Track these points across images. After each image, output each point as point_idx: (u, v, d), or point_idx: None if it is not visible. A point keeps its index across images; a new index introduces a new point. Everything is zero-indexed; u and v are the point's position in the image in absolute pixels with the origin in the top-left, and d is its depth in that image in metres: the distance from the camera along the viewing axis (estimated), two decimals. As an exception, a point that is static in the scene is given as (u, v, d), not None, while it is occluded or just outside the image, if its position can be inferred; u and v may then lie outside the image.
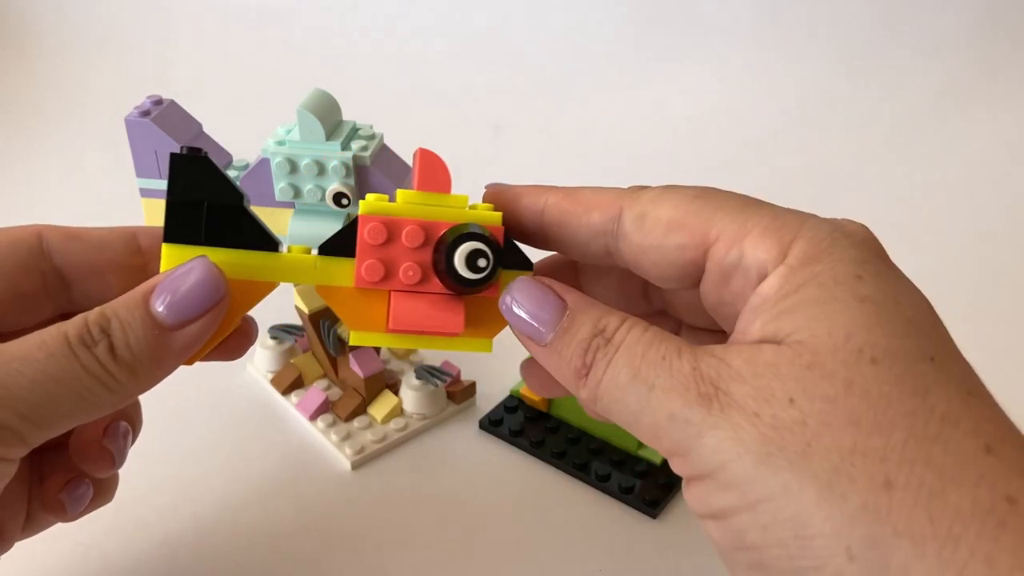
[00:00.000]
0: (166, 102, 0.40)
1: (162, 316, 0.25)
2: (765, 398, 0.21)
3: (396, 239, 0.27)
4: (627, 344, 0.24)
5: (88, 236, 0.30)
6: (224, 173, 0.26)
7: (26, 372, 0.24)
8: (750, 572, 0.22)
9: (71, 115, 0.82)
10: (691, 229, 0.25)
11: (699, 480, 0.22)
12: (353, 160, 0.38)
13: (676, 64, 0.83)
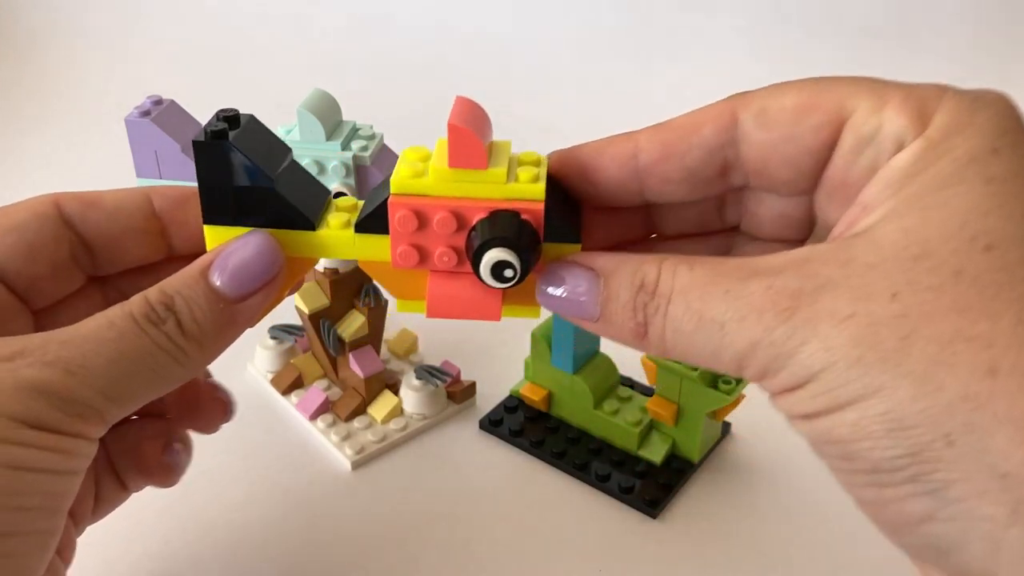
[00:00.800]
0: (166, 102, 0.40)
1: (224, 290, 0.26)
2: (863, 297, 0.21)
3: (428, 225, 0.26)
4: (679, 291, 0.23)
5: (105, 202, 0.29)
6: (252, 150, 0.26)
7: (101, 352, 0.24)
8: (840, 461, 0.23)
9: (71, 115, 0.82)
10: (824, 107, 0.24)
11: (788, 392, 0.22)
12: (353, 160, 0.38)
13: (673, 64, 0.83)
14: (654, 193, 0.27)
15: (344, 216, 0.27)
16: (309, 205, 0.27)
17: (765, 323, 0.22)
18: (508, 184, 0.25)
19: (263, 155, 0.26)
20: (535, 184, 0.25)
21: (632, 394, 0.44)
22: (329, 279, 0.43)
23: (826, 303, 0.21)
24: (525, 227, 0.25)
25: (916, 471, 0.21)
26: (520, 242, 0.25)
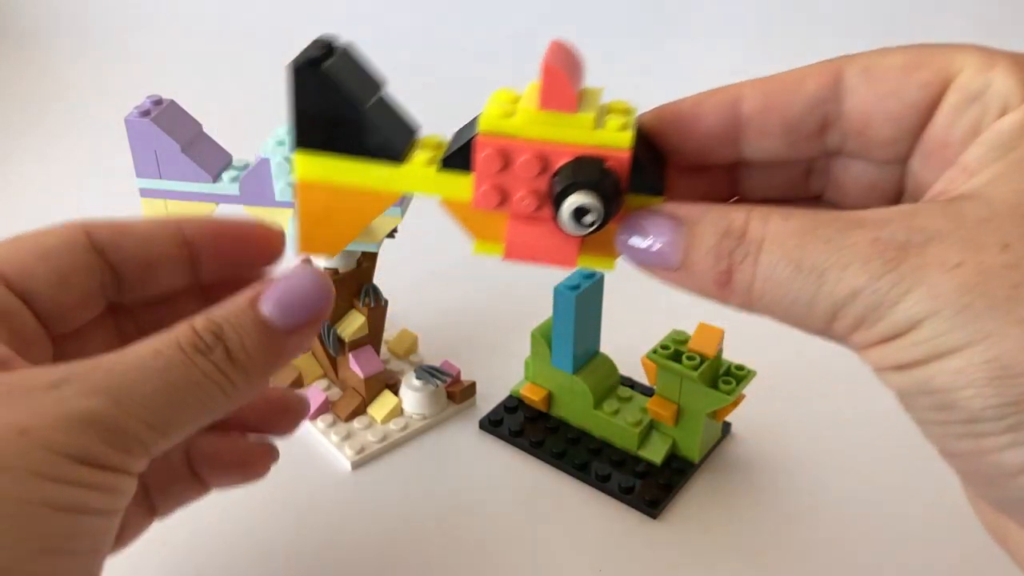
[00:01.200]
0: (166, 102, 0.40)
1: (273, 320, 0.25)
2: (973, 248, 0.21)
3: (512, 166, 0.26)
4: (771, 236, 0.23)
5: (136, 231, 0.29)
6: (344, 82, 0.26)
7: (148, 381, 0.23)
8: (933, 412, 0.22)
9: (71, 115, 0.82)
10: (933, 66, 0.24)
11: (884, 343, 0.22)
12: (353, 160, 0.38)
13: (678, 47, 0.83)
14: (751, 147, 0.26)
15: (429, 153, 0.27)
16: (396, 138, 0.27)
17: (870, 271, 0.22)
18: (596, 130, 0.25)
19: (356, 85, 0.26)
20: (623, 132, 0.25)
21: (632, 394, 0.44)
22: (329, 279, 0.43)
23: (934, 253, 0.21)
24: (609, 175, 0.25)
25: (1017, 420, 0.21)
26: (603, 189, 0.25)
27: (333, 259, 0.43)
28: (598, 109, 0.26)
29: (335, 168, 0.27)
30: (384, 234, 0.41)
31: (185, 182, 0.40)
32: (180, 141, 0.39)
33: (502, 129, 0.25)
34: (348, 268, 0.43)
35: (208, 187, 0.40)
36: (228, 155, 0.41)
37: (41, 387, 0.23)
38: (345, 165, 0.27)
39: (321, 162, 0.27)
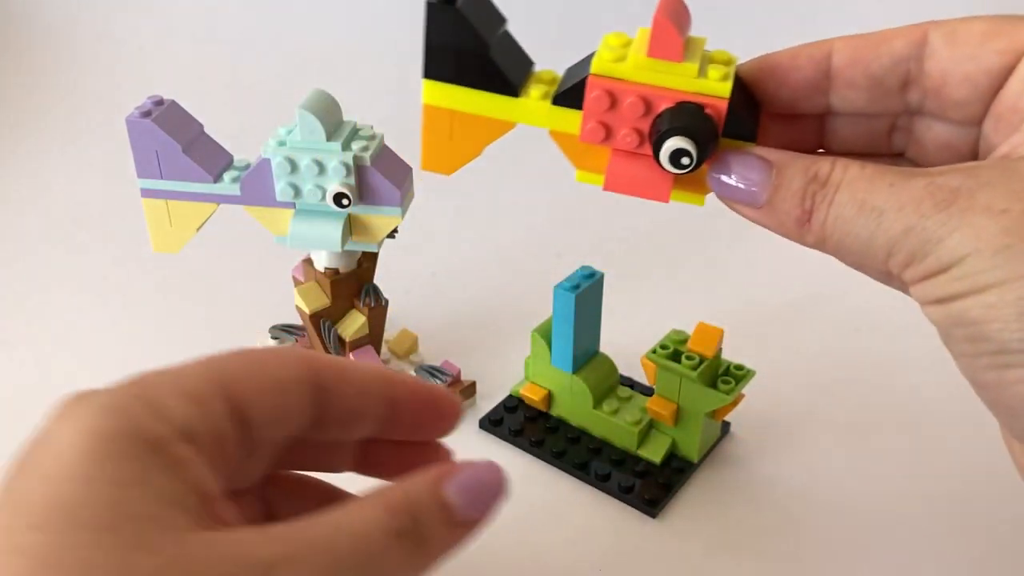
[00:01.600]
0: (167, 102, 0.40)
1: (456, 509, 0.25)
2: (1019, 196, 0.23)
3: (618, 106, 0.28)
4: (847, 181, 0.25)
5: (355, 378, 0.26)
6: (473, 20, 0.28)
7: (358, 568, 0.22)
8: (967, 344, 0.24)
9: (72, 115, 0.82)
10: (1011, 35, 0.26)
11: (930, 277, 0.24)
12: (353, 160, 0.38)
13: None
14: (838, 97, 0.29)
15: (543, 88, 0.30)
16: (515, 73, 0.30)
17: (922, 211, 0.24)
18: (698, 79, 0.27)
19: (482, 23, 0.29)
20: (722, 82, 0.27)
21: (632, 394, 0.44)
22: (330, 279, 0.43)
23: (982, 199, 0.23)
24: (707, 121, 0.27)
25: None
26: (700, 134, 0.27)
27: (333, 259, 0.43)
28: (701, 58, 0.28)
29: (459, 96, 0.30)
30: (384, 234, 0.41)
31: (186, 182, 0.40)
32: (181, 141, 0.39)
33: (612, 72, 0.28)
34: (348, 268, 0.44)
35: (209, 187, 0.40)
36: (229, 155, 0.41)
37: (259, 568, 0.21)
38: (468, 95, 0.30)
39: (446, 90, 0.30)
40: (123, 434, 0.22)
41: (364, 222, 0.40)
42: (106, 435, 0.22)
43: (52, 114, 0.83)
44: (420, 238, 0.50)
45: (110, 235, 0.63)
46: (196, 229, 0.41)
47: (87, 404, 0.23)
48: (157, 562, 0.20)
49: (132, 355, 0.51)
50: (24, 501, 0.21)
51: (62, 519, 0.20)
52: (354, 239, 0.41)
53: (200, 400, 0.24)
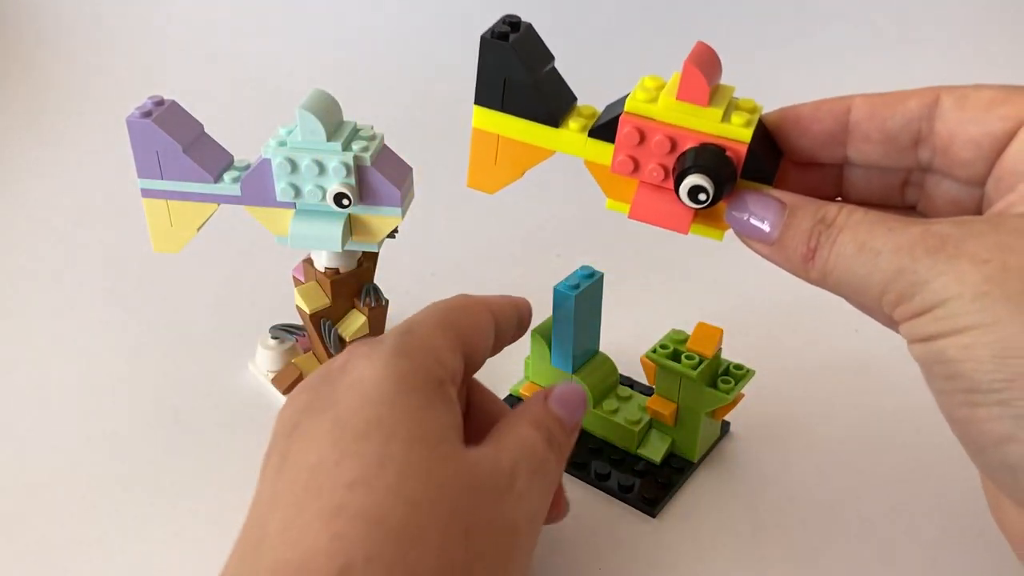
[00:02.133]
0: (167, 103, 0.40)
1: (560, 417, 0.33)
2: (1002, 248, 0.25)
3: (647, 142, 0.31)
4: (851, 224, 0.27)
5: (508, 314, 0.36)
6: (522, 55, 0.32)
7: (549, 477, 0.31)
8: (944, 381, 0.26)
9: (72, 116, 0.82)
10: (1015, 103, 0.28)
11: (916, 317, 0.26)
12: (354, 160, 0.38)
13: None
14: (855, 150, 0.31)
15: (582, 121, 0.33)
16: (557, 106, 0.33)
17: (914, 255, 0.26)
18: (721, 123, 0.30)
19: (531, 58, 0.32)
20: (744, 128, 0.30)
21: (632, 393, 0.44)
22: (330, 279, 0.43)
23: (969, 248, 0.25)
24: (726, 162, 0.29)
25: (1007, 396, 0.24)
26: (718, 174, 0.29)
27: (334, 259, 0.43)
28: (727, 104, 0.30)
29: (504, 123, 0.33)
30: (384, 234, 0.41)
31: (186, 182, 0.40)
32: (182, 142, 0.39)
33: (643, 111, 0.30)
34: (349, 268, 0.44)
35: (209, 187, 0.40)
36: (229, 155, 0.42)
37: (504, 478, 0.29)
38: (513, 122, 0.33)
39: (494, 116, 0.33)
40: (415, 373, 0.30)
41: (364, 222, 0.40)
42: (403, 373, 0.29)
43: (53, 114, 0.83)
44: (420, 238, 0.50)
45: (111, 235, 0.63)
46: (196, 229, 0.41)
47: (379, 349, 0.30)
48: (448, 470, 0.28)
49: (132, 354, 0.51)
50: (347, 419, 0.28)
51: (380, 433, 0.28)
52: (354, 239, 0.41)
53: (455, 351, 0.32)
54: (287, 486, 0.28)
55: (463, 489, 0.28)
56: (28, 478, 0.42)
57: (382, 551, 0.25)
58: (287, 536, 0.26)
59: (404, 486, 0.27)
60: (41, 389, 0.49)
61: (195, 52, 0.91)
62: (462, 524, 0.27)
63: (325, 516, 0.26)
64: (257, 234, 0.44)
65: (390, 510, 0.26)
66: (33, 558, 0.38)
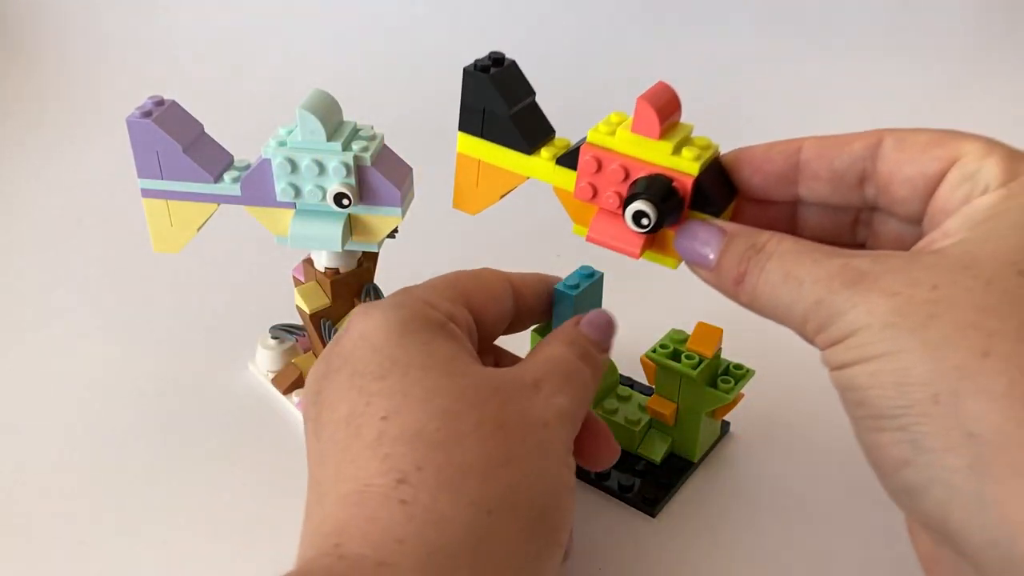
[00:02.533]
0: (167, 103, 0.40)
1: (595, 341, 0.35)
2: (912, 283, 0.26)
3: (604, 171, 0.33)
4: (779, 252, 0.29)
5: (532, 286, 0.38)
6: (501, 88, 0.34)
7: (580, 382, 0.33)
8: (855, 407, 0.27)
9: (73, 116, 0.82)
10: (947, 146, 0.30)
11: (833, 345, 0.27)
12: (354, 160, 0.38)
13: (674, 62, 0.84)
14: (804, 188, 0.33)
15: (553, 151, 0.35)
16: (532, 136, 0.36)
17: (832, 287, 0.27)
18: (671, 156, 0.32)
19: (509, 92, 0.35)
20: (693, 162, 0.32)
21: (631, 393, 0.44)
22: (330, 279, 0.43)
23: (882, 282, 0.27)
24: (671, 192, 0.32)
25: (906, 422, 0.25)
26: (661, 202, 0.31)
27: (334, 259, 0.43)
28: (681, 140, 0.32)
29: (484, 149, 0.36)
30: (384, 234, 0.41)
31: (186, 182, 0.40)
32: (182, 142, 0.39)
33: (601, 142, 0.33)
34: (349, 268, 0.44)
35: (209, 187, 0.40)
36: (229, 155, 0.42)
37: (528, 386, 0.31)
38: (491, 148, 0.36)
39: (474, 142, 0.36)
40: (415, 319, 0.32)
41: (364, 222, 0.40)
42: (402, 319, 0.32)
43: (53, 114, 0.83)
44: (420, 238, 0.50)
45: (111, 235, 0.63)
46: (196, 229, 0.41)
47: (375, 307, 0.33)
48: (469, 381, 0.30)
49: (132, 354, 0.51)
50: (362, 369, 0.31)
51: (397, 369, 0.30)
52: (354, 239, 0.41)
53: (454, 302, 0.34)
54: (329, 443, 0.30)
55: (488, 392, 0.30)
56: (27, 478, 0.42)
57: (429, 458, 0.28)
58: (342, 476, 0.28)
59: (432, 403, 0.29)
60: (40, 389, 0.49)
61: (195, 52, 0.91)
62: (493, 421, 0.29)
63: (369, 447, 0.28)
64: (257, 234, 0.44)
65: (426, 424, 0.29)
66: (33, 558, 0.38)
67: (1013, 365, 0.24)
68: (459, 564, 0.26)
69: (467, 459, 0.28)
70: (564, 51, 0.87)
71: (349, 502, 0.28)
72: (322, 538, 0.27)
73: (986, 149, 0.29)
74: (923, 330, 0.25)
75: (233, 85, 0.85)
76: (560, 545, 0.29)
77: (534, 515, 0.28)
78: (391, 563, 0.26)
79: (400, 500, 0.27)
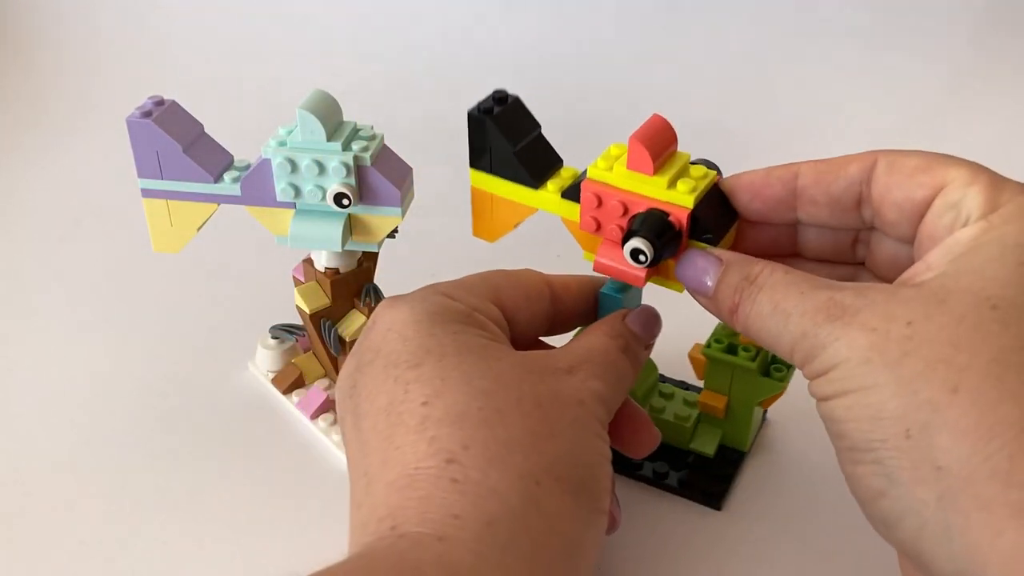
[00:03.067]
0: (167, 103, 0.40)
1: (637, 332, 0.36)
2: (889, 319, 0.27)
3: (604, 205, 0.34)
4: (769, 285, 0.30)
5: (573, 290, 0.38)
6: (504, 128, 0.36)
7: (616, 371, 0.34)
8: (837, 439, 0.28)
9: (73, 116, 0.82)
10: (934, 172, 0.30)
11: (818, 377, 0.28)
12: (354, 160, 0.38)
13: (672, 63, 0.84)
14: (803, 212, 0.34)
15: (560, 183, 0.37)
16: (538, 170, 0.37)
17: (816, 320, 0.28)
18: (667, 190, 0.33)
19: (514, 130, 0.36)
20: (689, 194, 0.33)
21: (673, 390, 0.44)
22: (330, 279, 0.43)
23: (862, 317, 0.27)
24: (668, 227, 0.33)
25: (881, 455, 0.26)
26: (657, 238, 0.32)
27: (334, 259, 0.43)
28: (677, 172, 0.33)
29: (494, 184, 0.38)
30: (384, 234, 0.41)
31: (187, 182, 0.40)
32: (182, 142, 0.39)
33: (600, 178, 0.34)
34: (349, 268, 0.44)
35: (210, 187, 0.40)
36: (229, 156, 0.42)
37: (562, 370, 0.32)
38: (500, 183, 0.38)
39: (485, 178, 0.38)
40: (443, 312, 0.33)
41: (364, 222, 0.40)
42: (428, 311, 0.33)
43: (53, 114, 0.83)
44: (420, 238, 0.50)
45: (111, 235, 0.63)
46: (197, 229, 0.41)
47: (401, 300, 0.34)
48: (504, 364, 0.31)
49: (132, 354, 0.51)
50: (395, 359, 0.31)
51: (431, 357, 0.31)
52: (354, 239, 0.41)
53: (480, 297, 0.35)
54: (371, 432, 0.31)
55: (523, 372, 0.31)
56: (26, 478, 0.42)
57: (474, 436, 0.29)
58: (389, 463, 0.29)
59: (471, 385, 0.30)
60: (40, 389, 0.49)
61: (195, 52, 0.91)
62: (532, 399, 0.30)
63: (414, 432, 0.29)
64: (257, 234, 0.44)
65: (467, 405, 0.30)
66: (33, 558, 0.38)
67: (982, 400, 0.25)
68: (516, 533, 0.27)
69: (511, 434, 0.29)
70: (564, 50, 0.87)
71: (399, 486, 0.28)
72: (377, 523, 0.28)
73: (970, 177, 0.29)
74: (897, 366, 0.26)
75: (233, 85, 0.85)
76: (603, 512, 0.30)
77: (577, 484, 0.29)
78: (450, 537, 0.27)
79: (451, 479, 0.28)
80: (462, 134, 0.37)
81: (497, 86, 0.37)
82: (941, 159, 0.31)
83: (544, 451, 0.29)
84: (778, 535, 0.39)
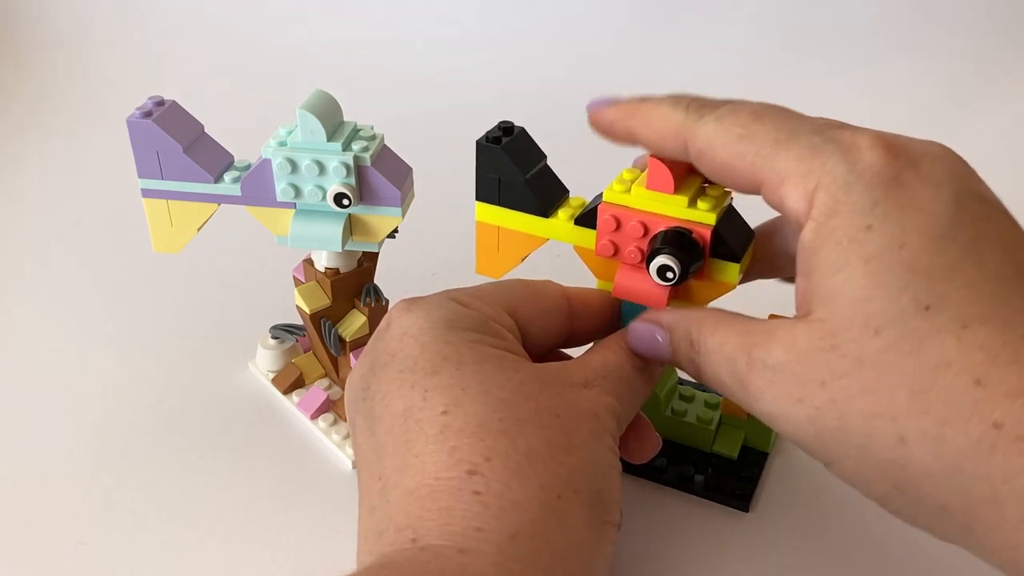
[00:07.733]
0: (168, 103, 0.40)
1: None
2: (803, 384, 0.27)
3: (623, 228, 0.34)
4: (705, 352, 0.31)
5: (593, 305, 0.37)
6: (513, 157, 0.36)
7: (630, 388, 0.34)
8: None
9: (73, 116, 0.82)
10: (740, 173, 0.30)
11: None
12: (354, 160, 0.38)
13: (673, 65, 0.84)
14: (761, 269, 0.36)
15: (570, 211, 0.37)
16: (548, 200, 0.37)
17: (745, 394, 0.30)
18: (688, 208, 0.33)
19: (522, 159, 0.36)
20: (709, 212, 0.33)
21: (694, 392, 0.44)
22: (330, 279, 0.43)
23: (782, 387, 0.28)
24: (692, 244, 0.33)
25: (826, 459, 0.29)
26: (683, 254, 0.33)
27: (334, 259, 0.43)
28: (696, 190, 0.33)
29: (501, 215, 0.37)
30: (384, 234, 0.41)
31: (187, 182, 0.40)
32: (182, 142, 0.39)
33: (618, 200, 0.34)
34: (349, 268, 0.44)
35: (210, 187, 0.40)
36: (230, 156, 0.42)
37: (579, 383, 0.32)
38: (508, 214, 0.37)
39: (492, 210, 0.37)
40: (458, 319, 0.32)
41: (364, 222, 0.40)
42: (445, 317, 0.32)
43: (53, 114, 0.83)
44: (420, 238, 0.50)
45: (111, 235, 0.63)
46: (197, 229, 0.41)
47: (417, 304, 0.33)
48: (521, 374, 0.31)
49: (132, 354, 0.51)
50: (412, 365, 0.31)
51: (449, 364, 0.31)
52: (355, 239, 0.41)
53: (495, 307, 0.34)
54: (386, 437, 0.30)
55: (540, 384, 0.31)
56: (26, 479, 0.42)
57: (496, 447, 0.29)
58: (408, 470, 0.29)
59: (490, 395, 0.30)
60: (40, 389, 0.49)
61: (195, 52, 0.91)
62: (550, 410, 0.30)
63: (434, 441, 0.29)
64: (257, 234, 0.44)
65: (487, 416, 0.29)
66: (33, 558, 0.38)
67: (929, 441, 0.25)
68: (538, 545, 0.27)
69: (531, 446, 0.29)
70: (565, 51, 0.87)
71: (419, 496, 0.28)
72: (395, 532, 0.28)
73: (775, 172, 0.30)
74: (843, 435, 0.27)
75: (233, 85, 0.85)
76: (614, 524, 0.31)
77: (593, 496, 0.30)
78: (473, 549, 0.27)
79: (473, 491, 0.28)
80: (462, 134, 0.37)
81: (497, 86, 0.37)
82: (740, 151, 0.30)
83: (563, 463, 0.29)
84: (807, 534, 0.39)
